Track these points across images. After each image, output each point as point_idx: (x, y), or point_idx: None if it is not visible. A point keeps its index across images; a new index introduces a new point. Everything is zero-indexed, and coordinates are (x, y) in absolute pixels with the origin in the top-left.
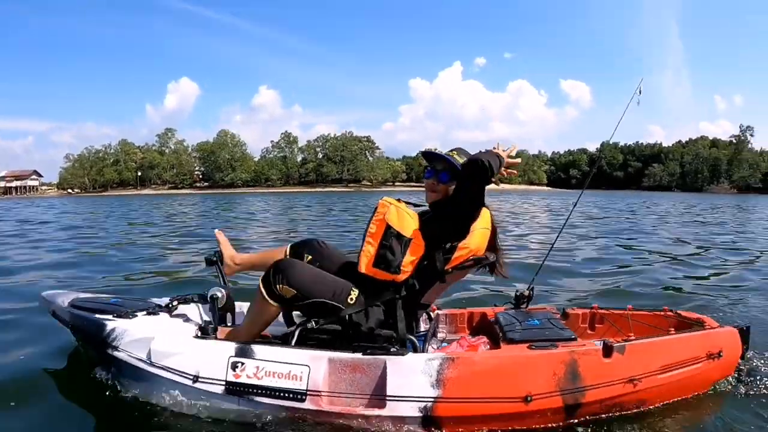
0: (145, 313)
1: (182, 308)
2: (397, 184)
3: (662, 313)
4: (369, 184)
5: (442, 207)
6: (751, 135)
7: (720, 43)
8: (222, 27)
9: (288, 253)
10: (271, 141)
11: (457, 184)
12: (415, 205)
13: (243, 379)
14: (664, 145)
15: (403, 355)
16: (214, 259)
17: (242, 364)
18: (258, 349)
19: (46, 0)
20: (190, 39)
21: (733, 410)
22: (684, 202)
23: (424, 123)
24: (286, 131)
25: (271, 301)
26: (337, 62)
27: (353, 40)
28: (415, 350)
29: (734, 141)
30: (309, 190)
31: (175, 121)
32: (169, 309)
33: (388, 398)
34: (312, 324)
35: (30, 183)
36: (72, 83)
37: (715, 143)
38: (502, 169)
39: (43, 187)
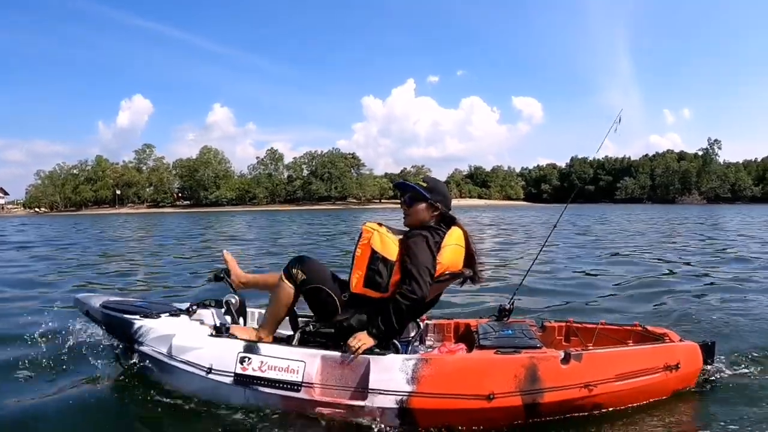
0: (168, 314)
1: (200, 312)
2: (383, 201)
3: (631, 327)
4: (356, 201)
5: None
6: (719, 148)
7: (668, 58)
8: (176, 44)
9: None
10: (257, 157)
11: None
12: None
13: (249, 372)
14: (632, 159)
15: (384, 355)
16: (222, 275)
17: (249, 358)
18: (263, 347)
19: None
20: (144, 55)
21: (689, 419)
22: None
23: (377, 140)
24: (271, 148)
25: (287, 282)
26: (290, 81)
27: (307, 58)
28: (397, 352)
29: (700, 154)
30: (296, 208)
31: (128, 138)
32: (189, 312)
33: (369, 391)
34: (311, 328)
35: None
36: (20, 99)
37: (682, 156)
38: None
39: (9, 206)
